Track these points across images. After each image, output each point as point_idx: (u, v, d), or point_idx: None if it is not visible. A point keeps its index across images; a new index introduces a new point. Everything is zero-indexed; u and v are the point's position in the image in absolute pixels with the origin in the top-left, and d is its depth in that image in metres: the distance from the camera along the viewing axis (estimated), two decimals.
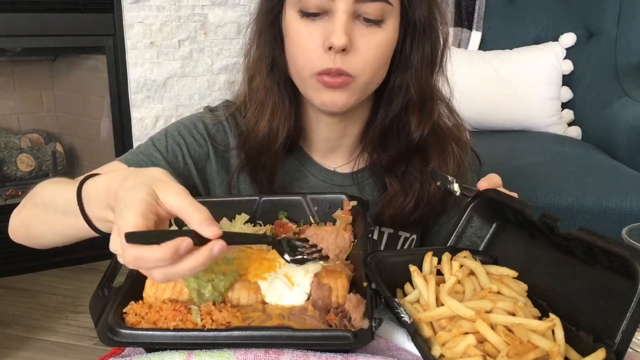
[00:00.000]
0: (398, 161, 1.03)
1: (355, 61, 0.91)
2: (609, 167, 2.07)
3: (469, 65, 2.52)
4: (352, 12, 0.89)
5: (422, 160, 1.03)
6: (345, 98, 0.94)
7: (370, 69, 0.93)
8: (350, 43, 0.89)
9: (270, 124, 1.00)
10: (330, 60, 0.90)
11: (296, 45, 0.93)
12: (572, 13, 2.63)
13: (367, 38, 0.91)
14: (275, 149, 1.01)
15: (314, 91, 0.95)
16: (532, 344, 0.59)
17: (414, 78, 0.98)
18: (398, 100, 1.00)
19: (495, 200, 0.80)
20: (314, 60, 0.91)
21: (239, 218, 0.90)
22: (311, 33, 0.91)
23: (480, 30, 2.70)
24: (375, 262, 0.73)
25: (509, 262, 0.75)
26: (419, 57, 0.97)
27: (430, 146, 1.03)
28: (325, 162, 1.09)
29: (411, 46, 0.97)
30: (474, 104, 2.49)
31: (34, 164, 2.95)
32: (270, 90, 1.00)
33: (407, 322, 0.62)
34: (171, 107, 2.87)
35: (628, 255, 0.60)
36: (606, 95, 2.44)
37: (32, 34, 2.57)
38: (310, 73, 0.92)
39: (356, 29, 0.90)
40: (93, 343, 2.23)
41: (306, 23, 0.91)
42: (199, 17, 2.86)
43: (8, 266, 2.67)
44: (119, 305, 0.67)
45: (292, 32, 0.93)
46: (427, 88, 1.00)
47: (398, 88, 0.99)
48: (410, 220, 1.05)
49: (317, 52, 0.90)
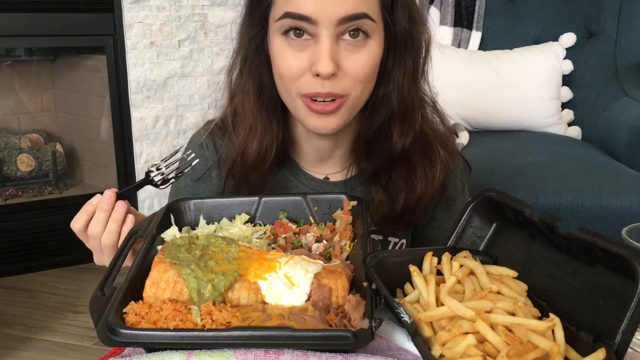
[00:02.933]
0: (382, 170, 1.04)
1: (344, 83, 0.91)
2: (609, 167, 2.07)
3: (469, 65, 2.52)
4: (335, 35, 0.89)
5: (407, 168, 1.03)
6: (336, 121, 0.94)
7: (360, 85, 0.93)
8: (337, 67, 0.89)
9: (259, 147, 1.01)
10: (319, 85, 0.90)
11: (282, 69, 0.93)
12: (572, 13, 2.62)
13: (353, 57, 0.90)
14: (264, 170, 1.03)
15: (305, 116, 0.95)
16: (532, 344, 0.59)
17: (395, 90, 0.98)
18: (381, 111, 1.00)
19: (495, 200, 0.80)
20: (302, 85, 0.92)
21: (238, 218, 0.90)
22: (297, 57, 0.91)
23: (480, 30, 2.70)
24: (375, 262, 0.73)
25: (509, 262, 0.75)
26: (401, 70, 0.98)
27: (414, 154, 1.03)
28: (317, 171, 1.09)
29: (393, 59, 0.97)
30: (473, 103, 2.49)
31: (34, 164, 2.94)
32: (259, 115, 1.01)
33: (407, 322, 0.62)
34: (171, 107, 2.86)
35: (628, 255, 0.60)
36: (606, 95, 2.43)
37: (32, 34, 2.58)
38: (297, 94, 0.93)
39: (342, 50, 0.90)
40: (93, 343, 2.23)
41: (291, 46, 0.91)
42: (199, 17, 2.86)
43: (8, 266, 2.67)
44: (119, 305, 0.67)
45: (277, 56, 0.93)
46: (409, 99, 1.00)
47: (380, 100, 1.00)
48: (397, 226, 1.05)
49: (304, 76, 0.91)
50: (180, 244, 0.77)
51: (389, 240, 1.08)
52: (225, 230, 0.87)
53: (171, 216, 0.89)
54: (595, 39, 2.59)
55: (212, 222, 0.91)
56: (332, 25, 0.87)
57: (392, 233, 1.07)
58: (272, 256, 0.75)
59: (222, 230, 0.88)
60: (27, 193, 2.86)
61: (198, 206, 0.92)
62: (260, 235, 0.87)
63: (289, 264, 0.73)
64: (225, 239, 0.79)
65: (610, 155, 2.20)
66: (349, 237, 0.85)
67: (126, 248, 0.80)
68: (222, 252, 0.75)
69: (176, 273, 0.71)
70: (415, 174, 1.02)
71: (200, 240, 0.79)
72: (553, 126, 2.51)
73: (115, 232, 0.86)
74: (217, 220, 0.91)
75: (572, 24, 2.61)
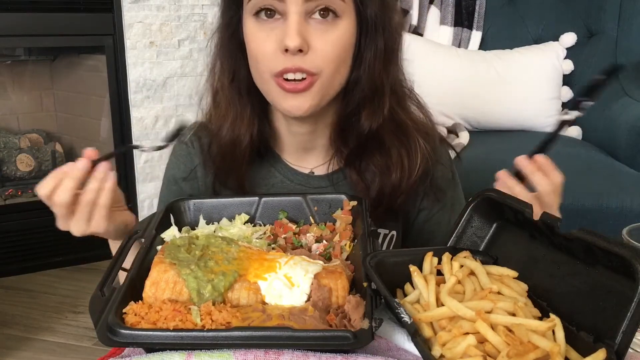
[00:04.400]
0: (355, 155, 1.04)
1: (313, 59, 0.92)
2: (609, 167, 2.07)
3: (470, 65, 2.52)
4: (304, 12, 0.90)
5: (380, 153, 1.03)
6: (309, 101, 0.94)
7: (331, 64, 0.93)
8: (306, 43, 0.90)
9: (232, 131, 1.03)
10: (288, 61, 0.91)
11: (254, 50, 0.94)
12: (572, 13, 2.62)
13: (323, 36, 0.91)
14: (241, 152, 1.03)
15: (277, 97, 0.95)
16: (532, 344, 0.59)
17: (367, 72, 0.99)
18: (354, 95, 1.01)
19: (496, 200, 0.80)
20: (272, 62, 0.92)
21: (238, 218, 0.90)
22: (268, 35, 0.92)
23: (480, 30, 2.70)
24: (375, 262, 0.73)
25: (509, 262, 0.75)
26: (372, 53, 0.98)
27: (388, 140, 1.03)
28: (300, 165, 1.09)
29: (365, 42, 0.98)
30: (474, 103, 2.49)
31: (34, 164, 2.94)
32: (231, 101, 1.02)
33: (407, 323, 0.62)
34: (171, 107, 2.86)
35: (628, 255, 0.60)
36: (606, 95, 2.43)
37: (32, 33, 2.57)
38: (269, 75, 0.93)
39: (311, 28, 0.91)
40: (93, 343, 2.23)
41: (262, 27, 0.93)
42: (198, 16, 2.85)
43: (8, 266, 2.67)
44: (119, 306, 0.67)
45: (249, 37, 0.95)
46: (379, 80, 1.00)
47: (353, 84, 1.00)
48: (377, 214, 1.03)
49: (274, 54, 0.92)
50: (180, 244, 0.77)
51: (379, 231, 1.08)
52: (225, 230, 0.87)
53: (171, 216, 0.89)
54: (595, 38, 2.58)
55: (212, 222, 0.91)
56: (299, 2, 0.89)
57: (380, 224, 1.07)
58: (272, 256, 0.75)
59: (222, 230, 0.88)
60: (27, 193, 2.86)
61: (198, 206, 0.92)
62: (260, 236, 0.87)
63: (289, 264, 0.73)
64: (225, 239, 0.79)
65: (611, 155, 2.20)
66: (349, 237, 0.85)
67: (126, 248, 0.79)
68: (222, 252, 0.75)
69: (176, 273, 0.70)
70: (391, 160, 1.02)
71: (200, 240, 0.79)
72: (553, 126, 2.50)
73: (96, 191, 0.85)
74: (217, 220, 0.91)
75: (572, 23, 2.61)
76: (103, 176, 0.85)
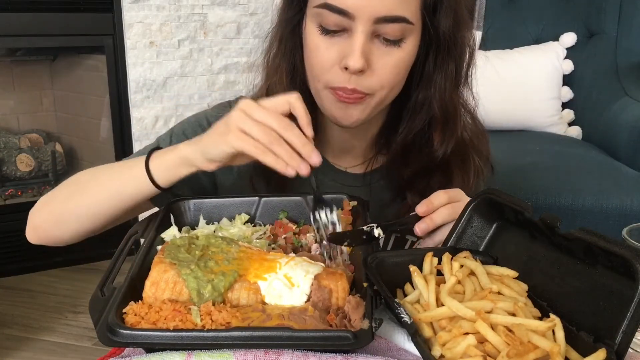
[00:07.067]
0: (419, 176, 1.02)
1: (370, 81, 0.90)
2: (609, 167, 2.07)
3: None
4: (371, 32, 0.87)
5: (444, 175, 1.02)
6: (359, 114, 0.93)
7: (386, 88, 0.92)
8: (367, 64, 0.88)
9: None
10: (345, 80, 0.89)
11: (313, 59, 0.92)
12: (572, 13, 2.62)
13: (384, 58, 0.89)
14: None
15: (328, 104, 0.94)
16: (532, 344, 0.59)
17: (437, 95, 0.96)
18: (421, 116, 0.99)
19: (496, 201, 0.80)
20: (329, 76, 0.91)
21: (238, 218, 0.90)
22: (329, 49, 0.90)
23: (480, 29, 2.70)
24: (376, 262, 0.73)
25: (509, 262, 0.75)
26: (443, 74, 0.96)
27: (452, 162, 1.02)
28: (338, 162, 1.09)
29: (435, 62, 0.95)
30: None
31: (34, 164, 2.94)
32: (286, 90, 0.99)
33: (407, 323, 0.62)
34: (171, 107, 2.86)
35: (628, 255, 0.60)
36: (606, 95, 2.43)
37: (32, 33, 2.57)
38: (324, 85, 0.92)
39: (375, 48, 0.89)
40: (93, 343, 2.23)
41: (325, 38, 0.90)
42: (198, 16, 2.86)
43: (8, 266, 2.67)
44: (119, 306, 0.67)
45: (310, 45, 0.92)
46: (451, 105, 0.98)
47: (421, 104, 0.98)
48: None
49: (333, 68, 0.90)
50: (180, 244, 0.76)
51: (407, 238, 1.07)
52: (225, 230, 0.87)
53: (171, 216, 0.89)
54: (595, 38, 2.59)
55: (212, 222, 0.91)
56: (369, 22, 0.86)
57: (411, 232, 1.07)
58: (272, 256, 0.75)
59: (222, 230, 0.88)
60: (27, 193, 2.86)
61: (198, 206, 0.92)
62: (260, 236, 0.87)
63: (289, 265, 0.73)
64: (225, 239, 0.79)
65: (611, 155, 2.20)
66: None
67: (126, 248, 0.79)
68: (222, 252, 0.75)
69: (176, 273, 0.70)
70: (452, 182, 1.00)
71: (200, 240, 0.79)
72: (553, 126, 2.51)
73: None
74: (217, 220, 0.91)
75: (572, 23, 2.61)
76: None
